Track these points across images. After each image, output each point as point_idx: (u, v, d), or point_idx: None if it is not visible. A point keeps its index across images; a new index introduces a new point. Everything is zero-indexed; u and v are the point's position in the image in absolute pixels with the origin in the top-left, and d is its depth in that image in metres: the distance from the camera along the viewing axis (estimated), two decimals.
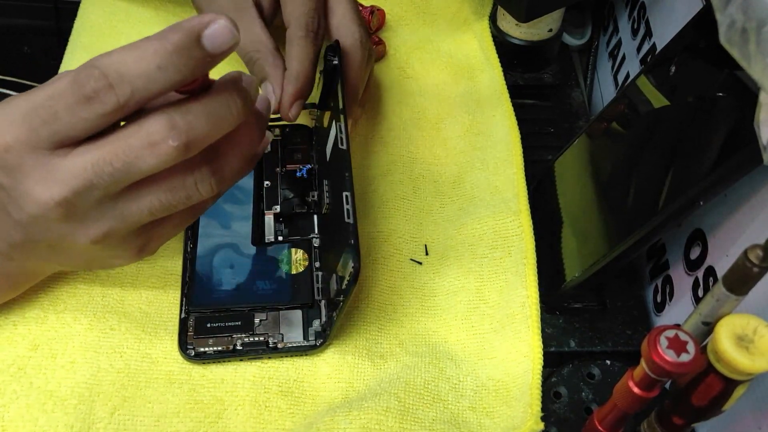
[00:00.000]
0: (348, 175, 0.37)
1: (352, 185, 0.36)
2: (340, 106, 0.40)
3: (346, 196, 0.36)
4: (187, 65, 0.29)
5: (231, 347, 0.39)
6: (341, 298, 0.36)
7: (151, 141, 0.29)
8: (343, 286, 0.35)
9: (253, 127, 0.34)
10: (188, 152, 0.30)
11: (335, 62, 0.42)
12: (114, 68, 0.28)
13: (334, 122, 0.41)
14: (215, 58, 0.29)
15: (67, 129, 0.29)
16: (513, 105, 0.51)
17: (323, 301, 0.40)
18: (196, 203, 0.34)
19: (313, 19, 0.43)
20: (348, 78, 0.44)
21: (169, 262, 0.43)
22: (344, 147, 0.38)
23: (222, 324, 0.40)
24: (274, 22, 0.46)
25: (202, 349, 0.39)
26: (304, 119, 0.48)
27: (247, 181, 0.45)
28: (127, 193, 0.31)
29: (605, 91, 0.58)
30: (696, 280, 0.39)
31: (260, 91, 0.36)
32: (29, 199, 0.30)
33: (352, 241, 0.34)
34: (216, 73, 0.31)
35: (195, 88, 0.30)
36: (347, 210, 0.35)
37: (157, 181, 0.31)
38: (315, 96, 0.46)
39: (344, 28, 0.45)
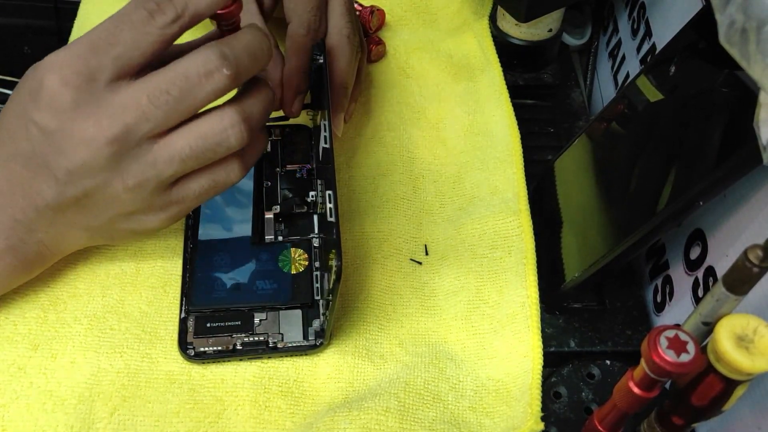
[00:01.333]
0: (331, 174, 0.37)
1: (335, 184, 0.36)
2: (326, 104, 0.40)
3: (329, 195, 0.36)
4: None
5: (231, 347, 0.39)
6: (330, 298, 0.36)
7: (207, 70, 0.32)
8: (331, 285, 0.35)
9: (269, 85, 0.37)
10: (236, 82, 0.33)
11: (321, 61, 0.42)
12: None
13: (321, 121, 0.41)
14: None
15: (129, 49, 0.31)
16: (513, 105, 0.51)
17: (323, 301, 0.40)
18: (221, 182, 0.36)
19: (316, 17, 0.43)
20: (335, 73, 0.44)
21: (169, 262, 0.43)
22: (328, 146, 0.38)
23: (222, 324, 0.40)
24: (273, 15, 0.46)
25: (202, 349, 0.39)
26: (303, 119, 0.48)
27: (247, 182, 0.45)
28: (162, 138, 0.33)
29: (605, 91, 0.58)
30: (696, 280, 0.39)
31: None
32: (78, 140, 0.32)
33: (335, 240, 0.35)
34: None
35: (232, 10, 0.33)
36: (329, 209, 0.36)
37: (191, 128, 0.33)
38: (308, 96, 0.46)
39: (331, 23, 0.45)
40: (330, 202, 0.36)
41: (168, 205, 0.35)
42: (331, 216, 0.35)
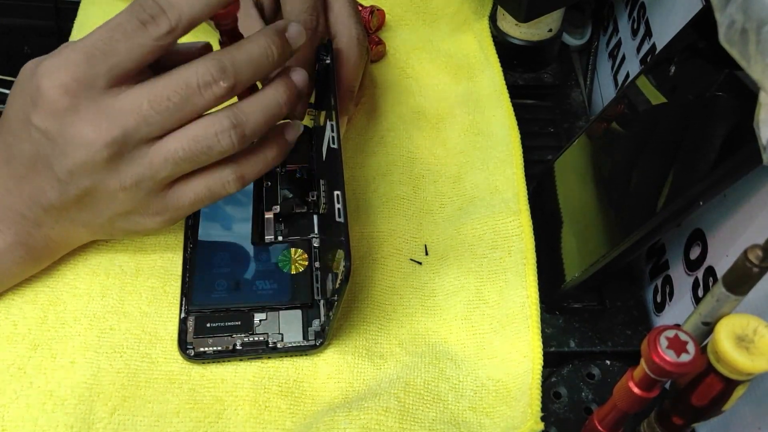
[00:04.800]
0: (339, 174, 0.37)
1: (343, 184, 0.36)
2: (333, 105, 0.40)
3: (337, 195, 0.36)
4: None
5: (231, 347, 0.39)
6: (336, 298, 0.36)
7: (206, 81, 0.33)
8: (337, 286, 0.35)
9: (277, 84, 0.37)
10: (234, 93, 0.34)
11: (327, 61, 0.42)
12: None
13: (327, 121, 0.41)
14: None
15: (124, 59, 0.32)
16: (513, 105, 0.51)
17: (323, 301, 0.40)
18: (216, 191, 0.37)
19: (312, 16, 0.43)
20: (344, 75, 0.44)
21: (169, 262, 0.43)
22: (336, 146, 0.38)
23: (221, 324, 0.40)
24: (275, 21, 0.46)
25: (201, 349, 0.39)
26: (304, 119, 0.48)
27: None
28: (158, 141, 0.34)
29: (605, 91, 0.58)
30: (696, 280, 0.39)
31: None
32: (78, 142, 0.33)
33: (344, 241, 0.35)
34: None
35: (230, 12, 0.34)
36: (338, 209, 0.35)
37: (185, 132, 0.34)
38: (311, 96, 0.46)
39: (341, 24, 0.45)
40: (338, 203, 0.36)
41: (164, 209, 0.37)
42: (339, 216, 0.35)
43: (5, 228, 0.37)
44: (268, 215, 0.44)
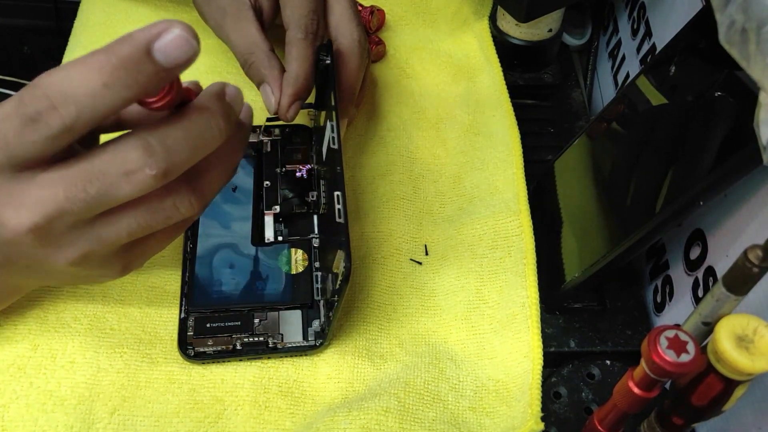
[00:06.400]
0: (339, 174, 0.37)
1: (344, 185, 0.36)
2: (333, 105, 0.40)
3: (337, 195, 0.36)
4: (138, 81, 0.26)
5: (231, 347, 0.39)
6: (336, 298, 0.36)
7: (127, 170, 0.27)
8: (337, 286, 0.35)
9: (234, 140, 0.33)
10: (167, 179, 0.28)
11: (328, 62, 0.42)
12: (56, 88, 0.26)
13: (327, 122, 0.41)
14: (170, 72, 0.26)
15: (20, 152, 0.27)
16: (513, 105, 0.51)
17: (322, 301, 0.40)
18: (177, 233, 0.34)
19: (312, 20, 0.43)
20: (344, 77, 0.44)
21: (169, 262, 0.43)
22: (336, 147, 0.38)
23: (221, 324, 0.40)
24: (275, 23, 0.46)
25: (201, 349, 0.39)
26: (303, 119, 0.48)
27: (247, 181, 0.45)
28: (103, 217, 0.29)
29: (605, 91, 0.58)
30: (696, 280, 0.39)
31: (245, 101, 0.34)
32: (2, 224, 0.29)
33: (344, 241, 0.34)
34: (216, 73, 0.31)
35: (165, 103, 0.27)
36: (338, 210, 0.35)
37: (135, 205, 0.30)
38: (311, 96, 0.46)
39: (342, 27, 0.45)
40: (339, 203, 0.36)
41: (127, 264, 0.33)
42: (339, 217, 0.35)
43: None
44: (268, 215, 0.44)
